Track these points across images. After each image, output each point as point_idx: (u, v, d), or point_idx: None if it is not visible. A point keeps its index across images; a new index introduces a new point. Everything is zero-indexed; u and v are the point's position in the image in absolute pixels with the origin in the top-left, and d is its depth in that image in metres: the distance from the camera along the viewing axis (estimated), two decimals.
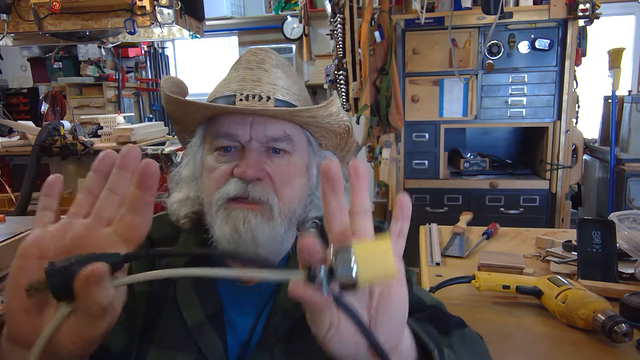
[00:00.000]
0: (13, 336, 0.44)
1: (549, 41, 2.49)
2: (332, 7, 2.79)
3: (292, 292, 0.41)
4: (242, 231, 0.69)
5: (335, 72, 2.82)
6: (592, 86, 3.77)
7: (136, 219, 0.43)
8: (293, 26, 5.09)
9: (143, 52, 5.43)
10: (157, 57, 5.57)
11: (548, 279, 1.04)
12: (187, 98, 0.74)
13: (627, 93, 3.01)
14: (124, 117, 4.26)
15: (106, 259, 0.41)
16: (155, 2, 3.12)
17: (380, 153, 2.77)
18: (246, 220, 0.69)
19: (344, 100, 2.74)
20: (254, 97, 0.72)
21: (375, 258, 0.41)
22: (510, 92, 2.58)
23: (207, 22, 4.11)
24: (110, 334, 0.44)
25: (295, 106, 0.74)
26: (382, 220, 0.89)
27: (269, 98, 0.72)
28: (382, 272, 0.41)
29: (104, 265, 0.40)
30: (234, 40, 5.57)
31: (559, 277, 1.04)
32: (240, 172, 0.70)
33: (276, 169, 0.72)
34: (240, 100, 0.72)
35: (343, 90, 2.74)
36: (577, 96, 2.61)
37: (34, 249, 0.43)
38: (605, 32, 4.05)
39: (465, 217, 1.72)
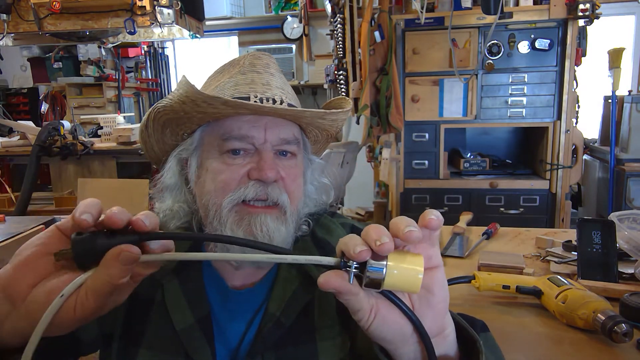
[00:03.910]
0: (5, 286, 0.48)
1: (549, 41, 2.49)
2: (332, 7, 2.80)
3: (323, 284, 0.44)
4: (259, 234, 0.69)
5: (335, 72, 2.82)
6: (592, 86, 3.77)
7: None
8: (293, 26, 5.09)
9: (143, 52, 5.42)
10: (157, 57, 5.57)
11: (548, 279, 1.04)
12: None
13: (627, 93, 3.01)
14: (124, 117, 4.26)
15: (125, 239, 0.46)
16: (155, 2, 3.12)
17: (380, 153, 2.77)
18: (264, 223, 0.69)
19: None
20: (267, 99, 0.71)
21: (406, 269, 0.45)
22: (510, 92, 2.58)
23: (207, 22, 4.11)
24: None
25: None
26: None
27: (282, 101, 0.72)
28: (408, 284, 0.45)
29: (137, 250, 0.45)
30: (234, 40, 5.57)
31: (559, 277, 1.04)
32: (261, 174, 0.69)
33: (288, 172, 0.72)
34: (255, 102, 0.70)
35: (343, 90, 2.74)
36: (577, 96, 2.61)
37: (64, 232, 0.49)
38: (605, 32, 4.05)
39: (465, 217, 1.72)
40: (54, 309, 0.45)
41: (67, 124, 3.47)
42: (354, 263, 0.44)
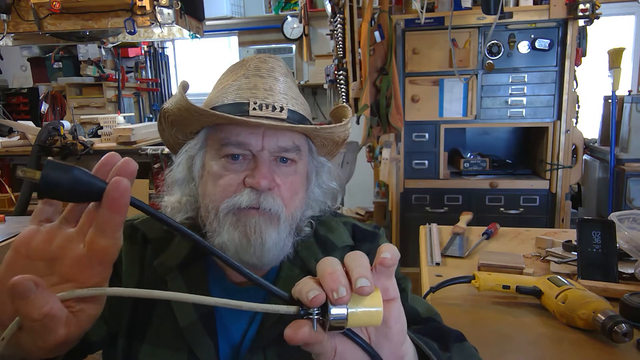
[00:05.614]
0: None
1: (549, 41, 2.49)
2: (332, 7, 2.79)
3: (291, 338, 0.43)
4: (252, 237, 0.70)
5: (335, 72, 2.82)
6: (592, 86, 3.77)
7: (107, 242, 0.42)
8: (293, 26, 5.09)
9: (143, 52, 5.43)
10: (157, 57, 5.57)
11: (548, 279, 1.04)
12: (195, 104, 0.72)
13: (627, 93, 3.01)
14: (124, 117, 4.27)
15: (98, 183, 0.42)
16: (155, 2, 3.12)
17: (380, 153, 2.77)
18: (257, 226, 0.70)
19: (344, 100, 2.74)
20: (267, 106, 0.71)
21: (366, 305, 0.45)
22: (510, 92, 2.58)
23: (207, 22, 4.11)
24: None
25: (304, 116, 0.75)
26: (377, 225, 0.90)
27: (282, 108, 0.72)
28: (370, 320, 0.45)
29: (28, 280, 0.39)
30: (234, 40, 5.57)
31: (559, 277, 1.04)
32: (254, 182, 0.69)
33: (284, 179, 0.73)
34: (254, 109, 0.70)
35: (343, 90, 2.74)
36: (577, 96, 2.61)
37: (24, 247, 0.44)
38: (605, 32, 4.05)
39: (465, 217, 1.72)
40: None
41: (67, 124, 3.47)
42: (314, 309, 0.44)
